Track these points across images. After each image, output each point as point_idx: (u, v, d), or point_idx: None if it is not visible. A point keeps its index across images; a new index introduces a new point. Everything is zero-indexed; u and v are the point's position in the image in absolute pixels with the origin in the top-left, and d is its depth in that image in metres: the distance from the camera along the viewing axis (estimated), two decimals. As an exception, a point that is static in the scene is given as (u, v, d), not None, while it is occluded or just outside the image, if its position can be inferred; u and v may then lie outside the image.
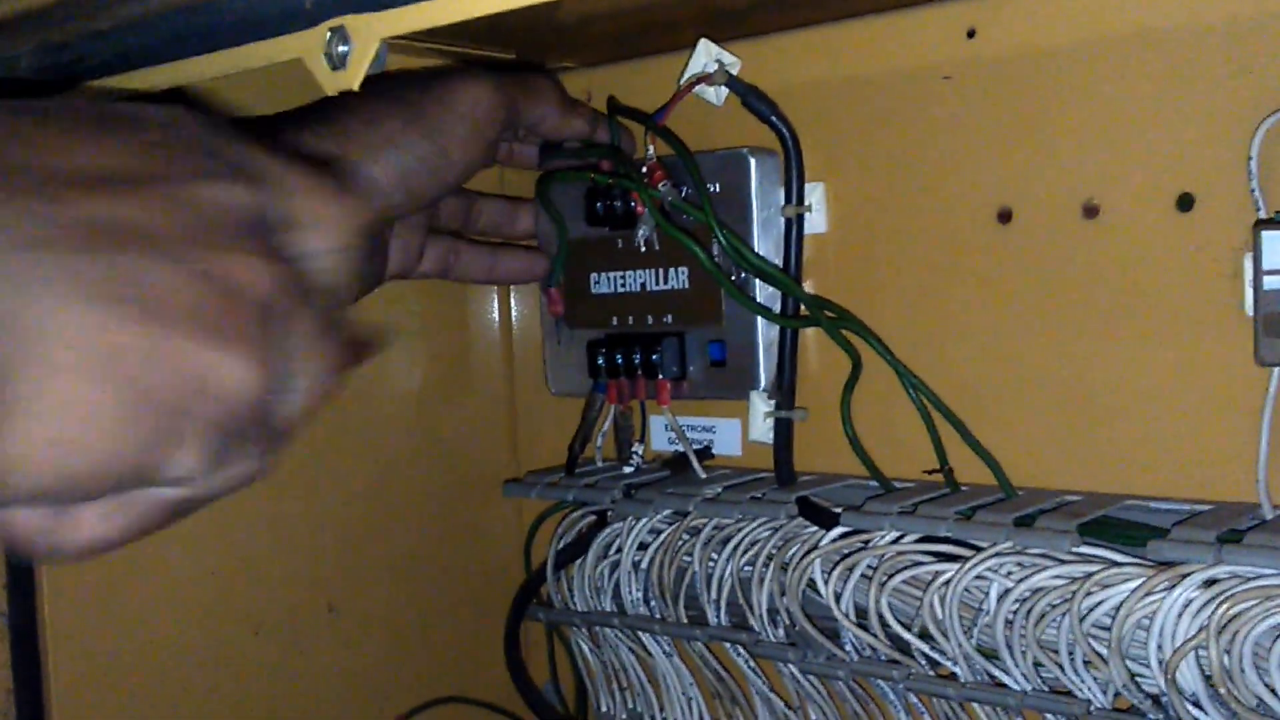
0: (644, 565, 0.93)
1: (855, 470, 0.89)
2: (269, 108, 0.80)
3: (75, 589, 0.86)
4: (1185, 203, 0.75)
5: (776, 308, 0.89)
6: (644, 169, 0.90)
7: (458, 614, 1.10)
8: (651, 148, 0.90)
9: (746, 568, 0.87)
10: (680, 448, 0.96)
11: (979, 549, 0.76)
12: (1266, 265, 0.68)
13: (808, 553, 0.82)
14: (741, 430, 0.96)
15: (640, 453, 0.98)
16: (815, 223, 0.90)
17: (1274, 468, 0.72)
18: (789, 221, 0.89)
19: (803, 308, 0.87)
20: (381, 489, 1.04)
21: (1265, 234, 0.68)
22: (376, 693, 1.04)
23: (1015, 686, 0.76)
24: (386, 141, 0.75)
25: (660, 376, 0.93)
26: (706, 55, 0.89)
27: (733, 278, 0.89)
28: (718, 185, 0.89)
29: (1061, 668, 0.74)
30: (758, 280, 0.89)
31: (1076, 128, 0.79)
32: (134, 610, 0.89)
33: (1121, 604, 0.70)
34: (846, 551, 0.81)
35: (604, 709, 1.01)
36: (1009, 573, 0.75)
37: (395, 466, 1.06)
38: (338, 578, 1.01)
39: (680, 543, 0.90)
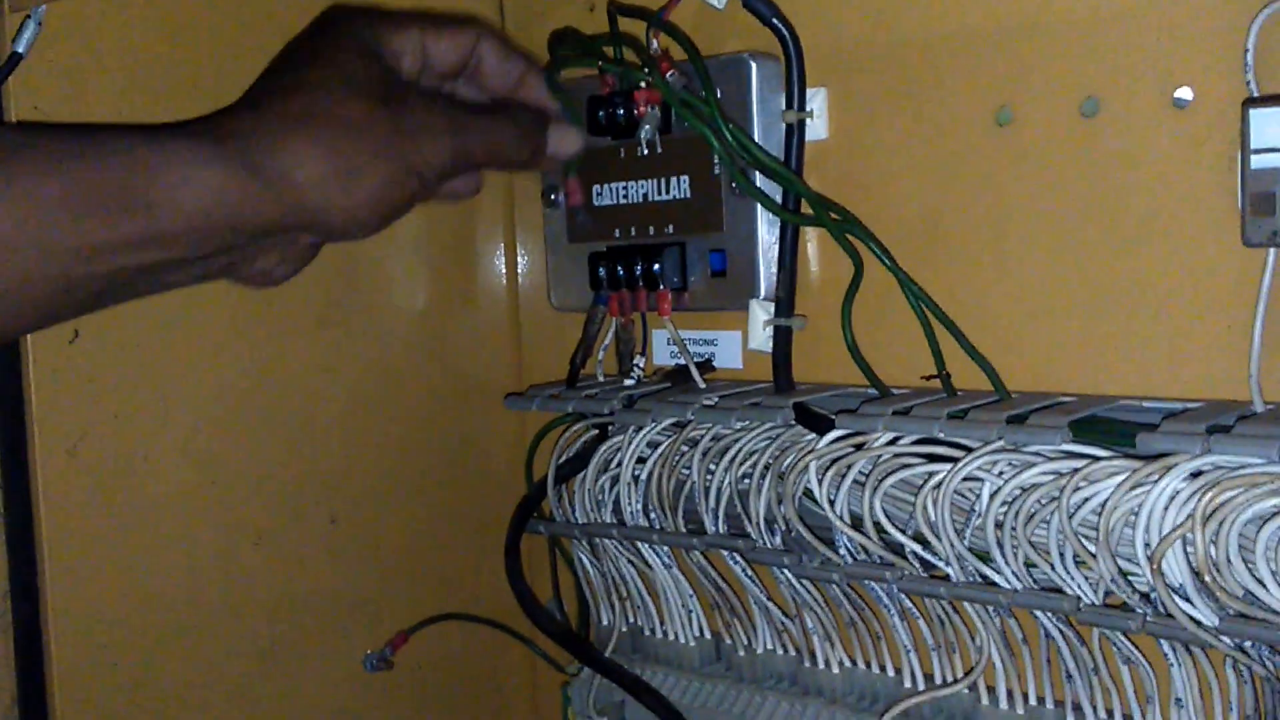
0: (643, 478, 0.92)
1: (854, 381, 0.89)
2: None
3: (73, 491, 0.87)
4: (1183, 99, 0.75)
5: (776, 218, 0.89)
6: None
7: (460, 528, 1.11)
8: (655, 42, 0.89)
9: (744, 480, 0.86)
10: (681, 361, 0.96)
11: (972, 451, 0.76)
12: (1255, 144, 0.67)
13: (803, 456, 0.82)
14: (742, 343, 0.96)
15: (641, 365, 0.98)
16: (816, 129, 0.90)
17: (1267, 362, 0.71)
18: (790, 127, 0.88)
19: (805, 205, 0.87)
20: (385, 402, 1.05)
21: (1254, 111, 0.67)
22: (377, 606, 1.05)
23: (1006, 586, 0.76)
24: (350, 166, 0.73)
25: (661, 287, 0.93)
26: (709, -44, 0.89)
27: (734, 186, 0.89)
28: (719, 91, 0.89)
29: (1052, 566, 0.73)
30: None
31: (1075, 24, 0.79)
32: (132, 517, 0.90)
33: (1109, 497, 0.69)
34: (841, 453, 0.81)
35: (605, 622, 1.01)
36: (1000, 473, 0.75)
37: (399, 380, 1.06)
38: (339, 490, 1.02)
39: (679, 455, 0.90)
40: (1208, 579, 0.67)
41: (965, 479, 0.75)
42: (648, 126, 0.91)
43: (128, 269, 0.67)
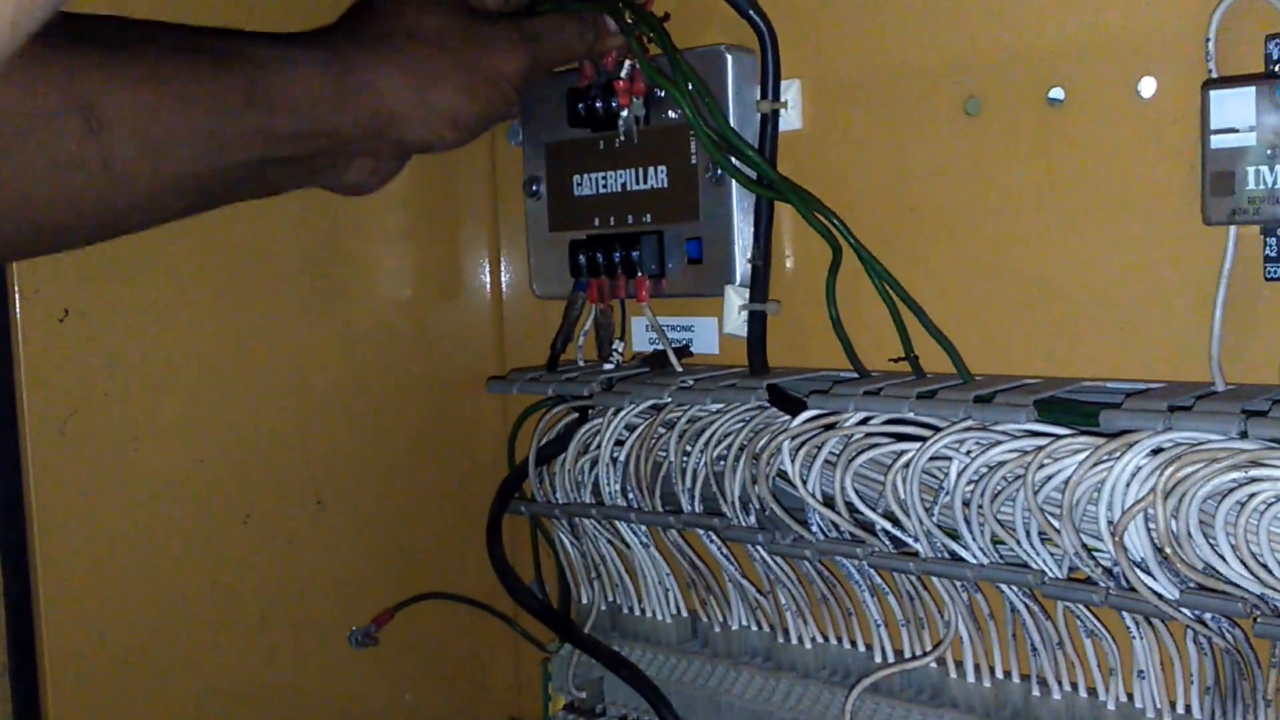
0: (621, 459, 0.94)
1: (827, 366, 0.91)
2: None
3: (63, 469, 0.88)
4: (1148, 89, 0.77)
5: (751, 206, 0.91)
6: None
7: (443, 509, 1.13)
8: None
9: (719, 461, 0.88)
10: (659, 346, 0.98)
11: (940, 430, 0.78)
12: (1214, 124, 0.69)
13: (777, 437, 0.84)
14: (718, 328, 0.98)
15: (620, 350, 1.00)
16: (790, 119, 0.91)
17: (1227, 343, 0.73)
18: (764, 117, 0.90)
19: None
20: (371, 387, 1.07)
21: (1213, 93, 0.69)
22: (363, 585, 1.07)
23: (973, 561, 0.78)
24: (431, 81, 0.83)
25: (639, 274, 0.95)
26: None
27: (708, 175, 0.91)
28: (693, 83, 0.91)
29: (1018, 542, 0.75)
30: (733, 182, 0.91)
31: (1041, 16, 0.81)
32: (122, 495, 0.91)
33: (1073, 474, 0.71)
34: (813, 433, 0.83)
35: (584, 601, 1.03)
36: (968, 451, 0.76)
37: (385, 365, 1.08)
38: (326, 472, 1.03)
39: (656, 437, 0.92)
40: (1169, 552, 0.68)
41: (933, 458, 0.77)
42: (625, 114, 0.93)
43: (249, 164, 0.75)
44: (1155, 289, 0.78)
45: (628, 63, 0.93)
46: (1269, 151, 0.68)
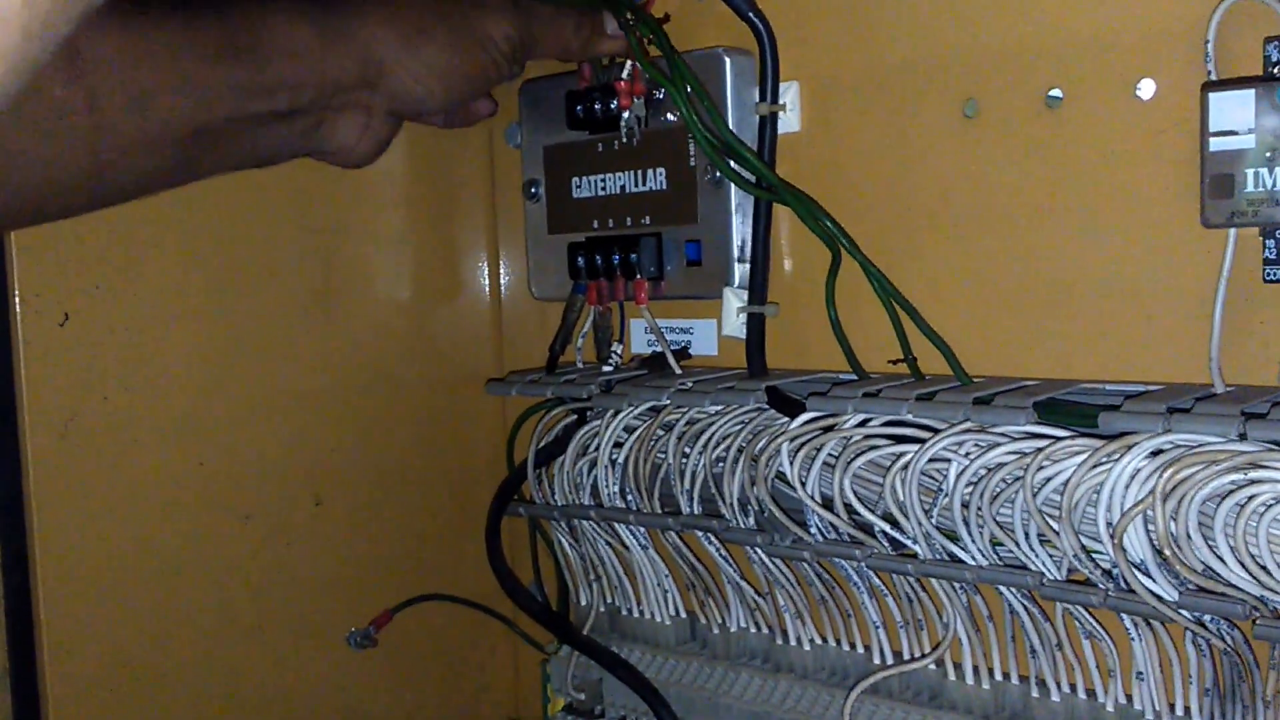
0: (620, 461, 0.94)
1: (826, 368, 0.91)
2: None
3: (64, 472, 0.88)
4: (1147, 90, 0.77)
5: (749, 208, 0.91)
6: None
7: (442, 511, 1.13)
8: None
9: (719, 463, 0.88)
10: (658, 348, 0.98)
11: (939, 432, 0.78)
12: (1213, 127, 0.69)
13: (776, 439, 0.84)
14: (717, 330, 0.98)
15: (619, 351, 1.00)
16: (789, 121, 0.92)
17: (1226, 345, 0.73)
18: (763, 120, 0.90)
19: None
20: (370, 388, 1.07)
21: (1212, 95, 0.69)
22: (362, 585, 1.07)
23: (972, 563, 0.78)
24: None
25: (638, 276, 0.95)
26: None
27: (706, 177, 0.91)
28: (692, 86, 0.91)
29: (1017, 544, 0.75)
30: (732, 185, 0.91)
31: (1041, 15, 0.81)
32: (122, 498, 0.91)
33: (1072, 475, 0.71)
34: (812, 435, 0.83)
35: (583, 602, 1.03)
36: (967, 453, 0.76)
37: (384, 367, 1.08)
38: (325, 472, 1.03)
39: (655, 439, 0.92)
40: (1168, 554, 0.68)
41: (932, 459, 0.77)
42: (627, 115, 0.93)
43: (237, 119, 0.75)
44: (1154, 291, 0.78)
45: (628, 63, 0.93)
46: (1268, 154, 0.68)
